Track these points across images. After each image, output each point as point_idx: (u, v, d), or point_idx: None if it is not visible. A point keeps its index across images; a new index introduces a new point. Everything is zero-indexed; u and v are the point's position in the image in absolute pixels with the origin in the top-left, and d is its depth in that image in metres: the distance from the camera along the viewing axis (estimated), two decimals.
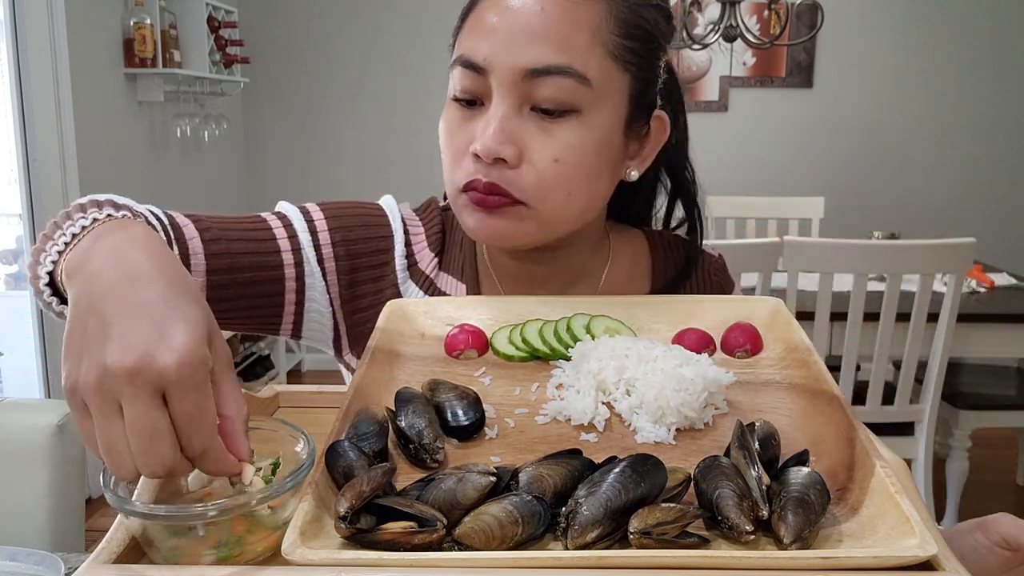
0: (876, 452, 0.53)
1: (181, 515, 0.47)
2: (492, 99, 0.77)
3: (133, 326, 0.49)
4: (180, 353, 0.48)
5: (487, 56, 0.76)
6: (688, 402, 0.62)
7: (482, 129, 0.77)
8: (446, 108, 0.82)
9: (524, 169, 0.77)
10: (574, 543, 0.46)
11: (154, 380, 0.47)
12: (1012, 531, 0.62)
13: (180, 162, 3.73)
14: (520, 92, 0.76)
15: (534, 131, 0.77)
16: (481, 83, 0.77)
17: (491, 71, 0.76)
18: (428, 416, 0.59)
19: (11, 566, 0.87)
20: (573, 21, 0.76)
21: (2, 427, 1.34)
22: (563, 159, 0.77)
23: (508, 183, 0.77)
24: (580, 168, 0.78)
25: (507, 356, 0.73)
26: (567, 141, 0.77)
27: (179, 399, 0.47)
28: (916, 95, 4.09)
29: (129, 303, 0.50)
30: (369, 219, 0.91)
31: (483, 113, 0.78)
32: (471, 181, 0.78)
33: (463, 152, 0.79)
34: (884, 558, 0.43)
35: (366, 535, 0.46)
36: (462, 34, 0.81)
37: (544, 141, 0.77)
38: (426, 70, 4.12)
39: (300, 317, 0.88)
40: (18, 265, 3.16)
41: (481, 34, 0.77)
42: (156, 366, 0.47)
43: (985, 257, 3.10)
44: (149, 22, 3.20)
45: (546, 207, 0.79)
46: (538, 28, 0.75)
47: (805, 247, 2.34)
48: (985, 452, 3.31)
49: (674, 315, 0.78)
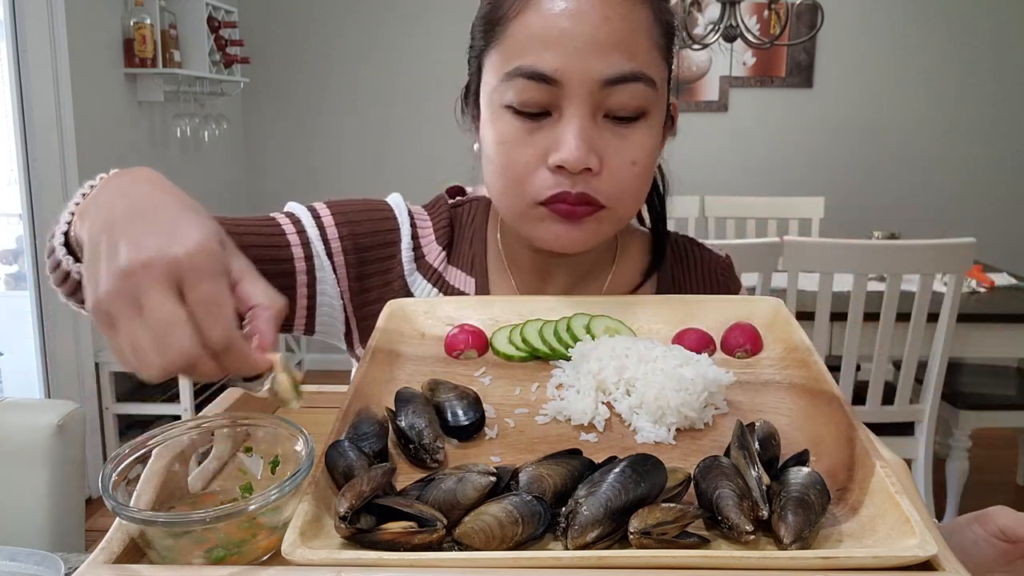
0: (876, 452, 0.53)
1: (179, 521, 0.47)
2: (564, 110, 0.77)
3: (144, 233, 0.51)
4: (191, 245, 0.50)
5: (559, 68, 0.75)
6: (688, 402, 0.62)
7: (561, 141, 0.76)
8: (498, 119, 0.80)
9: (605, 175, 0.78)
10: (574, 543, 0.46)
11: (167, 270, 0.49)
12: (1009, 523, 0.63)
13: (180, 162, 3.73)
14: (595, 101, 0.76)
15: (609, 137, 0.78)
16: (550, 94, 0.76)
17: (564, 82, 0.75)
18: (428, 416, 0.59)
19: (11, 566, 0.87)
20: (634, 27, 0.76)
21: (2, 427, 1.34)
22: (639, 161, 0.79)
23: (595, 191, 0.78)
24: (649, 167, 0.81)
25: (507, 356, 0.73)
26: (641, 143, 0.79)
27: (193, 286, 0.49)
28: (916, 95, 4.09)
29: (137, 220, 0.52)
30: (375, 213, 0.91)
31: (550, 124, 0.78)
32: (558, 194, 0.77)
33: (534, 165, 0.78)
34: (884, 558, 0.43)
35: (366, 535, 0.46)
36: (505, 43, 0.79)
37: (620, 146, 0.78)
38: (426, 70, 4.12)
39: (312, 311, 0.89)
40: (18, 265, 3.15)
41: (543, 45, 0.76)
42: (168, 255, 0.49)
43: (985, 257, 3.10)
44: (149, 22, 3.20)
45: (623, 208, 0.81)
46: (607, 37, 0.75)
47: (805, 247, 2.34)
48: (985, 452, 3.31)
49: (674, 315, 0.78)
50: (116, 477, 0.51)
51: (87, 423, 2.63)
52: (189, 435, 0.57)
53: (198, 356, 0.49)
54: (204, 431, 0.57)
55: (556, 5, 0.75)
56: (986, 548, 0.65)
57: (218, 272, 0.50)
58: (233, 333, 0.50)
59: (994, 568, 0.65)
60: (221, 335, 0.49)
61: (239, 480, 0.57)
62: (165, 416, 3.22)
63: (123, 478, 0.52)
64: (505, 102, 0.78)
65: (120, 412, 3.22)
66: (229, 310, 0.50)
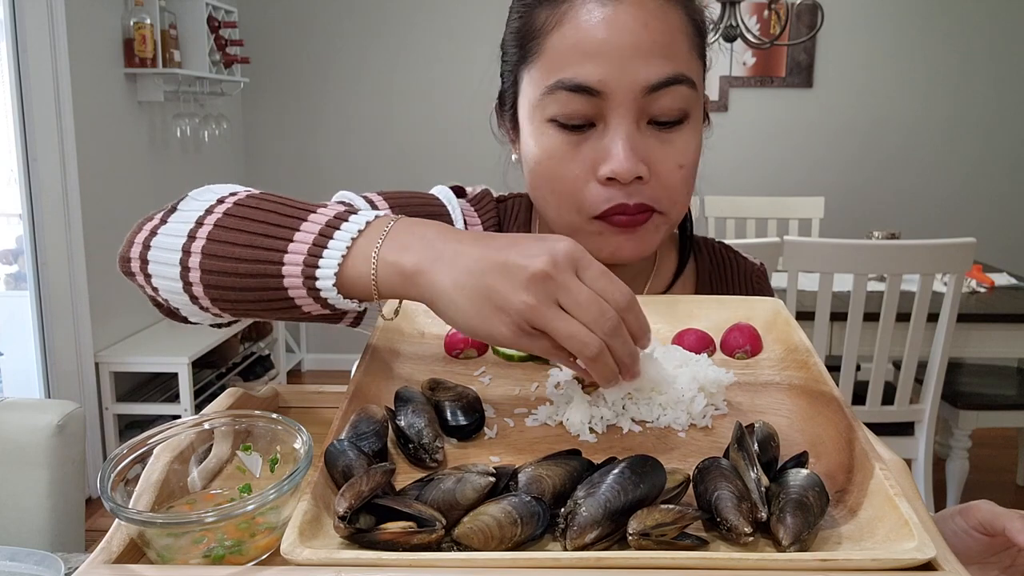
0: (875, 453, 0.53)
1: (177, 522, 0.47)
2: (609, 120, 0.76)
3: (517, 249, 0.55)
4: (566, 240, 0.56)
5: (602, 78, 0.75)
6: (687, 402, 0.62)
7: (610, 152, 0.76)
8: (542, 134, 0.79)
9: (654, 182, 0.78)
10: (573, 544, 0.46)
11: (566, 261, 0.55)
12: (987, 516, 0.64)
13: (180, 162, 3.73)
14: (638, 108, 0.76)
15: (655, 143, 0.78)
16: (593, 106, 0.76)
17: (608, 93, 0.75)
18: (428, 416, 0.59)
19: (11, 566, 0.87)
20: (671, 29, 0.76)
21: (2, 427, 1.34)
22: (685, 163, 0.79)
23: (649, 198, 0.78)
24: (694, 168, 0.81)
25: (507, 356, 0.73)
26: (685, 146, 0.79)
27: (587, 268, 0.55)
28: (916, 95, 4.09)
29: (488, 239, 0.58)
30: (430, 208, 0.90)
31: (595, 136, 0.78)
32: (617, 206, 0.78)
33: (585, 178, 0.78)
34: (882, 560, 0.43)
35: (365, 535, 0.46)
36: (544, 57, 0.78)
37: (666, 151, 0.78)
38: (426, 70, 4.12)
39: None
40: (18, 265, 3.16)
41: (584, 57, 0.75)
42: (560, 250, 0.55)
43: (985, 257, 3.11)
44: (149, 22, 3.20)
45: (675, 211, 0.82)
46: (647, 44, 0.75)
47: (805, 247, 2.34)
48: (985, 452, 3.31)
49: (674, 315, 0.78)
50: (115, 477, 0.51)
51: (87, 423, 2.63)
52: (188, 434, 0.57)
53: (619, 321, 0.55)
54: (204, 430, 0.57)
55: (593, 16, 0.75)
56: (967, 540, 0.66)
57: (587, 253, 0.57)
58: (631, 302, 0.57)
59: (973, 560, 0.66)
60: (623, 295, 0.56)
61: (239, 479, 0.57)
62: (165, 416, 3.22)
63: (122, 478, 0.52)
64: (548, 116, 0.78)
65: (120, 412, 3.22)
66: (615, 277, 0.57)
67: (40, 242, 2.92)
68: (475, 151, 3.45)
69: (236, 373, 3.79)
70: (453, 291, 0.56)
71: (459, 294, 0.55)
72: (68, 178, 2.91)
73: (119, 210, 3.16)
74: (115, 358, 3.15)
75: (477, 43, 3.94)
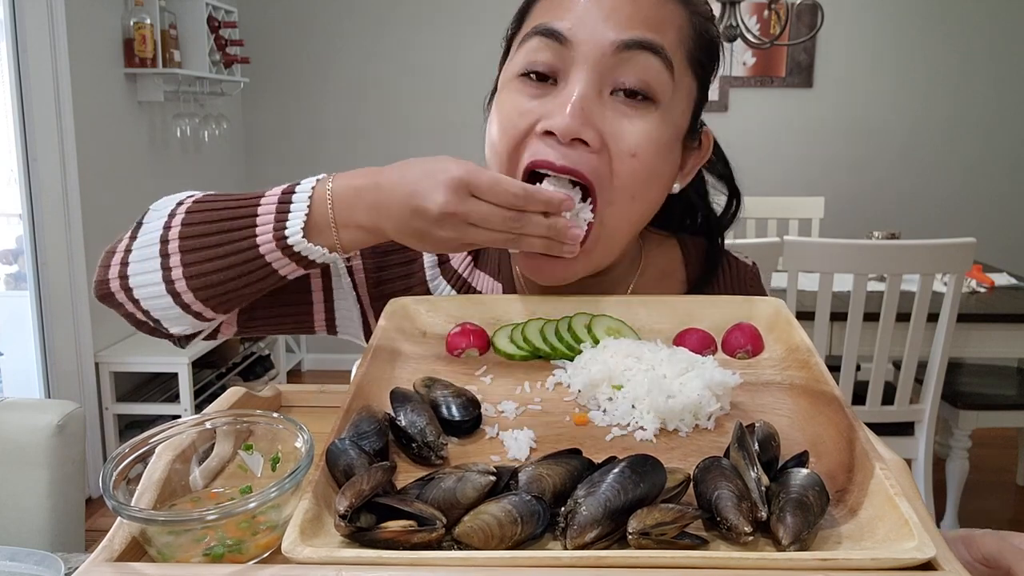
0: (876, 453, 0.53)
1: (178, 520, 0.47)
2: (570, 75, 0.72)
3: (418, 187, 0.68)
4: (452, 165, 0.67)
5: (572, 26, 0.71)
6: (693, 405, 0.62)
7: (555, 107, 0.72)
8: (505, 89, 0.76)
9: (603, 156, 0.72)
10: (573, 543, 0.46)
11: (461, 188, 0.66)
12: (993, 551, 0.63)
13: (180, 162, 3.73)
14: (604, 68, 0.72)
15: (612, 116, 0.72)
16: (560, 56, 0.72)
17: (575, 43, 0.71)
18: (427, 414, 0.59)
19: (11, 566, 0.87)
20: (662, 14, 0.74)
21: (2, 427, 1.34)
22: (640, 154, 0.73)
23: (587, 169, 0.72)
24: (650, 168, 0.74)
25: (508, 355, 0.73)
26: (646, 133, 0.73)
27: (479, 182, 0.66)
28: (916, 95, 4.09)
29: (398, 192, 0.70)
30: None
31: (554, 91, 0.73)
32: (541, 161, 0.72)
33: (526, 133, 0.73)
34: (882, 560, 0.43)
35: (366, 534, 0.46)
36: (528, 22, 0.77)
37: (623, 129, 0.72)
38: (427, 69, 4.12)
39: (332, 314, 0.89)
40: (18, 265, 3.16)
41: (560, 8, 0.73)
42: (451, 183, 0.66)
43: (985, 257, 3.11)
44: (149, 22, 3.20)
45: (613, 213, 0.75)
46: (629, 10, 0.72)
47: (805, 247, 2.34)
48: (985, 452, 3.31)
49: (675, 315, 0.78)
50: (117, 476, 0.51)
51: (87, 423, 2.63)
52: (190, 434, 0.57)
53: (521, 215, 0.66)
54: (205, 429, 0.58)
55: None
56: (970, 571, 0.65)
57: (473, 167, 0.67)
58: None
59: None
60: (516, 195, 0.66)
61: (240, 479, 0.57)
62: (165, 416, 3.22)
63: (124, 477, 0.52)
64: (515, 70, 0.75)
65: (120, 412, 3.22)
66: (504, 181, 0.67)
67: (40, 242, 2.92)
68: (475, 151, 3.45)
69: (236, 373, 3.79)
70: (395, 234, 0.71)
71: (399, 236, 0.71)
72: (68, 178, 2.91)
73: (119, 210, 3.16)
74: (115, 358, 3.15)
75: (477, 43, 3.94)
